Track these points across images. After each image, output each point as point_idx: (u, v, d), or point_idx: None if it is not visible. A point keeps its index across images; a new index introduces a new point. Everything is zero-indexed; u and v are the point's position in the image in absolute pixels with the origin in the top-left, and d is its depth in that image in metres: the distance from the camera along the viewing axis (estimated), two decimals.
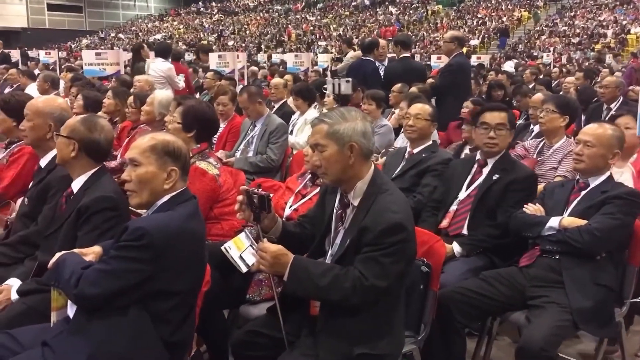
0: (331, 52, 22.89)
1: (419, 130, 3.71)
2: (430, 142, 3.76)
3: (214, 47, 27.77)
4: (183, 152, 2.24)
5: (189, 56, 19.37)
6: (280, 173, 4.92)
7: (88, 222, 2.45)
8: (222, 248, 2.68)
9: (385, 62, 7.64)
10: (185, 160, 2.24)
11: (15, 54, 14.16)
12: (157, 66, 7.51)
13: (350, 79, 5.38)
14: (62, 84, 7.60)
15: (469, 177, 3.30)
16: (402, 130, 4.16)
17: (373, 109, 5.30)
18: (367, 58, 7.43)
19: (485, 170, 3.27)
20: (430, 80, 7.42)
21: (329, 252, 2.36)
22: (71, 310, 2.16)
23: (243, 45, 32.45)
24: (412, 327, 2.50)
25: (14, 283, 2.54)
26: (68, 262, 2.14)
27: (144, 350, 2.07)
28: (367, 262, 2.11)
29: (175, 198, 2.20)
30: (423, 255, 2.52)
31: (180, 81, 7.57)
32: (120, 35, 40.88)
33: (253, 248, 2.84)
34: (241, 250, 2.77)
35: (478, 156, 3.35)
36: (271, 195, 2.33)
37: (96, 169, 2.63)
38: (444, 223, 3.23)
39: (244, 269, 2.72)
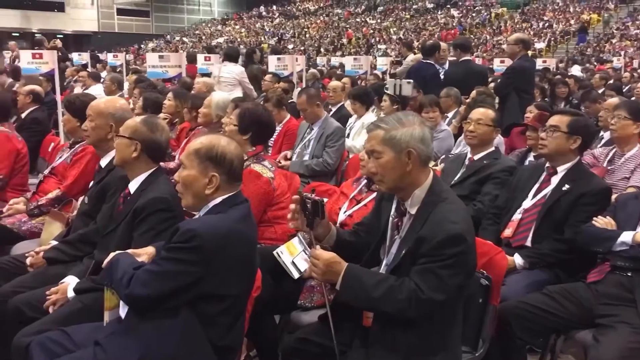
0: (390, 56, 22.66)
1: (480, 136, 3.56)
2: (493, 149, 3.61)
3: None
4: (227, 158, 2.18)
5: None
6: (336, 177, 4.85)
7: (143, 222, 2.47)
8: (274, 253, 2.66)
9: (446, 66, 7.49)
10: (230, 166, 2.19)
11: (85, 57, 14.69)
12: (230, 69, 7.75)
13: (411, 81, 5.28)
14: (126, 85, 7.82)
15: (536, 185, 3.12)
16: (463, 135, 4.02)
17: (437, 116, 5.19)
18: (428, 61, 7.29)
19: (555, 180, 3.08)
20: (491, 85, 7.21)
21: (384, 262, 2.28)
22: (123, 311, 2.17)
23: (302, 48, 32.65)
24: (469, 342, 2.38)
25: (71, 281, 2.58)
26: (121, 262, 2.16)
27: (192, 353, 2.06)
28: (424, 274, 2.02)
29: (227, 201, 2.17)
30: (483, 267, 2.40)
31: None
32: (185, 39, 41.95)
33: (306, 254, 2.80)
34: (294, 255, 2.73)
35: (547, 164, 3.17)
36: (325, 200, 2.26)
37: (153, 169, 2.64)
38: (507, 232, 3.08)
39: (296, 275, 2.68)
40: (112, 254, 2.23)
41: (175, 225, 2.41)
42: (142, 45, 39.84)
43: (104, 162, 3.11)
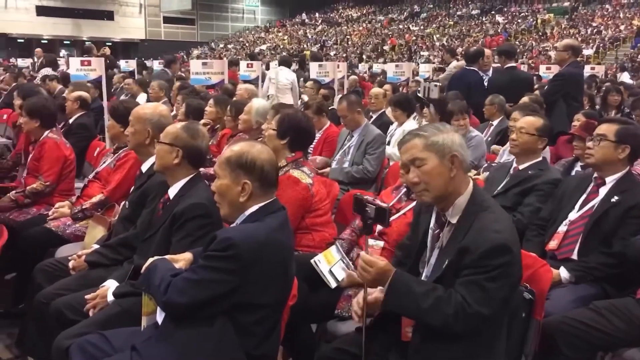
0: (433, 62, 22.45)
1: (521, 145, 3.45)
2: (540, 159, 3.48)
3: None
4: (258, 164, 2.16)
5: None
6: (376, 185, 4.80)
7: (182, 228, 2.48)
8: (312, 261, 2.65)
9: (490, 73, 7.35)
10: (261, 173, 2.17)
11: (132, 64, 15.03)
12: (286, 75, 8.05)
13: (439, 83, 5.19)
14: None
15: (583, 197, 3.01)
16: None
17: (466, 123, 5.09)
18: (471, 68, 7.16)
19: (603, 191, 2.95)
20: (537, 92, 7.04)
21: (424, 273, 2.22)
22: (160, 317, 2.18)
23: (344, 55, 32.68)
24: (512, 358, 2.29)
25: (111, 285, 2.61)
26: (159, 268, 2.17)
27: None
28: (470, 287, 1.95)
29: (263, 209, 2.17)
30: (526, 280, 2.31)
31: None
32: (229, 46, 42.58)
33: (343, 262, 2.78)
34: (331, 264, 2.71)
35: (595, 174, 3.05)
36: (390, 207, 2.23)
37: (192, 175, 2.65)
38: (552, 244, 2.97)
39: (333, 284, 2.66)
40: (150, 260, 2.24)
41: (213, 231, 2.42)
42: (189, 52, 40.62)
43: (144, 167, 3.15)
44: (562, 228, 2.99)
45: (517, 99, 5.94)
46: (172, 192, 2.65)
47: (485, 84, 7.21)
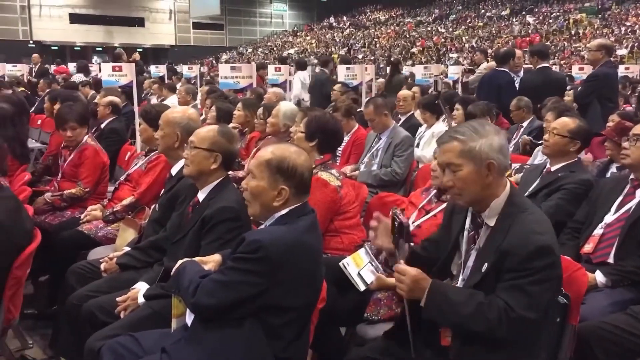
0: (463, 64, 22.25)
1: (552, 146, 3.38)
2: (575, 160, 3.39)
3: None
4: (298, 171, 2.15)
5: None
6: (405, 187, 4.76)
7: (211, 231, 2.49)
8: (340, 264, 2.61)
9: (521, 74, 7.24)
10: (300, 179, 2.16)
11: (162, 69, 15.25)
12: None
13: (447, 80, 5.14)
14: (199, 95, 8.04)
15: (619, 199, 2.92)
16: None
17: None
18: (502, 69, 7.07)
19: None
20: (570, 92, 6.91)
21: (460, 277, 2.17)
22: (189, 318, 2.19)
23: (372, 58, 32.60)
24: None
25: (142, 287, 2.63)
26: (187, 270, 2.18)
27: None
28: (513, 291, 1.91)
29: (294, 211, 2.15)
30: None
31: None
32: (258, 50, 42.89)
33: (372, 265, 2.74)
34: (360, 267, 2.67)
35: (632, 175, 2.97)
36: (410, 224, 2.21)
37: (221, 178, 2.66)
38: (587, 248, 2.89)
39: (362, 287, 2.62)
40: (179, 262, 2.25)
41: (243, 234, 2.42)
42: (218, 57, 41.05)
43: (174, 171, 3.18)
44: (598, 231, 2.91)
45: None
46: (202, 195, 2.66)
47: (517, 85, 7.11)
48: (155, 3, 43.04)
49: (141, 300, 2.57)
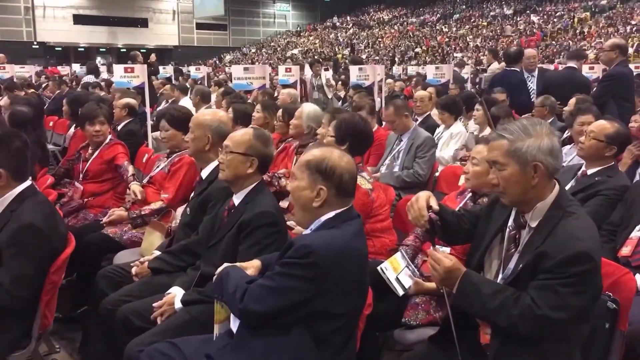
0: (468, 64, 22.21)
1: (587, 149, 3.33)
2: (611, 164, 3.33)
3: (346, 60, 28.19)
4: (337, 172, 2.11)
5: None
6: (427, 188, 4.71)
7: (249, 237, 2.46)
8: (379, 269, 2.60)
9: (535, 73, 7.21)
10: (340, 181, 2.12)
11: (169, 70, 15.22)
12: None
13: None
14: (213, 97, 8.00)
15: None
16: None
17: None
18: (513, 69, 7.04)
19: None
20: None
21: (500, 276, 2.14)
22: (234, 324, 2.16)
23: (377, 58, 32.55)
24: None
25: (178, 292, 2.60)
26: (232, 275, 2.14)
27: None
28: (542, 290, 1.89)
29: (340, 216, 2.12)
30: (608, 289, 2.22)
31: None
32: (263, 50, 42.88)
33: (409, 269, 2.72)
34: (397, 271, 2.66)
35: None
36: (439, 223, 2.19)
37: (257, 182, 2.63)
38: (625, 250, 2.86)
39: (401, 292, 2.61)
40: (221, 267, 2.22)
41: (280, 240, 2.40)
42: (221, 57, 41.05)
43: (204, 174, 3.14)
44: (636, 234, 2.87)
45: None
46: (237, 199, 2.62)
47: (531, 84, 7.08)
48: (158, 4, 43.04)
49: (178, 305, 2.53)
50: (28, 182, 2.59)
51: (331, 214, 2.11)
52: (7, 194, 2.52)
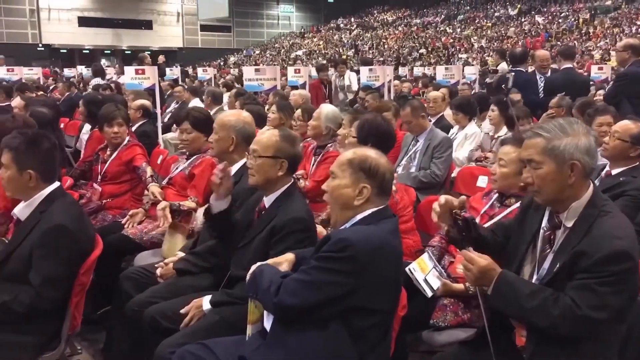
0: (472, 64, 22.19)
1: (611, 150, 3.32)
2: (636, 164, 3.30)
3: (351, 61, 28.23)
4: (380, 171, 2.14)
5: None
6: (444, 189, 4.71)
7: (281, 242, 2.44)
8: (407, 269, 2.59)
9: (548, 74, 7.20)
10: (382, 180, 2.14)
11: (176, 72, 15.24)
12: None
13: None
14: (225, 98, 8.01)
15: None
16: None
17: None
18: (518, 69, 7.03)
19: None
20: (599, 92, 6.87)
21: (535, 277, 2.13)
22: (267, 323, 2.15)
23: (381, 59, 32.54)
24: None
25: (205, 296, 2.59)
26: (266, 272, 2.14)
27: None
28: (582, 290, 1.88)
29: (376, 213, 2.12)
30: None
31: None
32: (267, 52, 42.91)
33: (437, 270, 2.71)
34: (425, 272, 2.65)
35: None
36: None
37: (289, 184, 2.61)
38: None
39: (429, 293, 2.60)
40: (254, 266, 2.21)
41: (311, 245, 2.38)
42: (226, 58, 41.09)
43: None
44: None
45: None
46: (269, 201, 2.60)
47: (541, 85, 7.07)
48: (163, 6, 43.14)
49: (207, 307, 2.53)
50: (57, 184, 2.59)
51: (367, 212, 2.12)
52: (36, 195, 2.53)
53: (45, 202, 2.52)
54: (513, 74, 6.23)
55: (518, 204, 2.74)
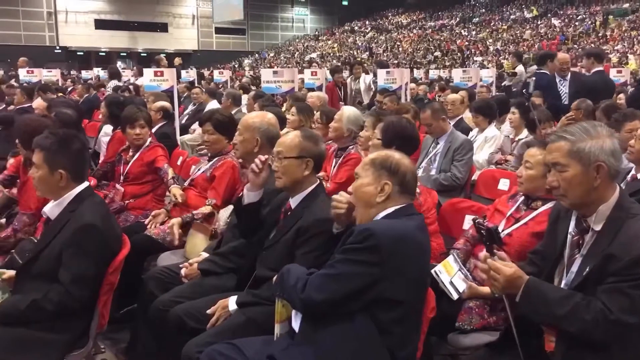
0: (488, 67, 22.08)
1: (637, 153, 3.29)
2: None
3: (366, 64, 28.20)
4: (402, 169, 2.20)
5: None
6: (465, 192, 4.69)
7: (307, 243, 2.46)
8: (432, 272, 2.58)
9: (568, 77, 7.15)
10: (403, 178, 2.20)
11: (192, 74, 15.30)
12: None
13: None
14: (244, 100, 8.04)
15: None
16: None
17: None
18: (542, 71, 6.99)
19: None
20: (620, 95, 6.81)
21: (563, 281, 2.12)
22: (295, 322, 2.16)
23: (395, 62, 32.50)
24: None
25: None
26: (292, 270, 2.18)
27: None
28: (613, 294, 1.87)
29: (400, 210, 2.17)
30: None
31: None
32: (281, 55, 43.03)
33: (462, 273, 2.70)
34: (451, 275, 2.64)
35: None
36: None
37: (315, 185, 2.62)
38: None
39: (455, 296, 2.59)
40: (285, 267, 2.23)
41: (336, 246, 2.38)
42: (240, 61, 41.24)
43: None
44: None
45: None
46: (295, 202, 2.61)
47: (563, 87, 7.02)
48: (178, 8, 43.46)
49: (233, 307, 2.54)
50: (86, 183, 2.62)
51: (390, 210, 2.16)
52: (66, 194, 2.56)
53: (75, 201, 2.55)
54: (534, 78, 6.18)
55: (544, 207, 2.73)
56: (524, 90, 5.34)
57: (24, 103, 7.65)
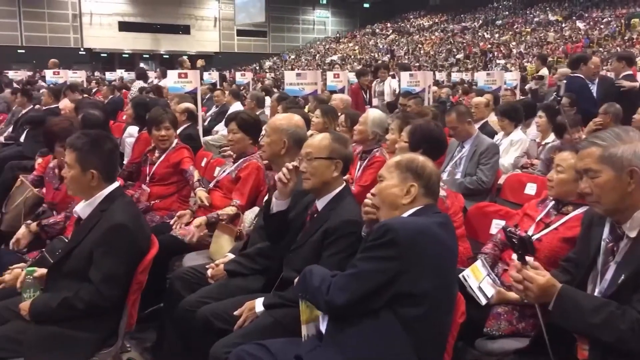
0: (511, 70, 21.88)
1: None
2: None
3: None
4: (427, 171, 2.22)
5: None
6: (491, 196, 4.65)
7: (334, 245, 2.46)
8: (460, 276, 2.55)
9: (596, 81, 7.06)
10: (429, 180, 2.22)
11: (214, 76, 15.42)
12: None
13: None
14: (267, 102, 8.08)
15: None
16: None
17: (580, 137, 4.84)
18: (575, 74, 6.89)
19: None
20: None
21: (597, 289, 2.09)
22: (323, 325, 2.17)
23: (417, 64, 32.36)
24: None
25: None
26: (316, 272, 2.18)
27: (397, 357, 2.02)
28: None
29: (423, 209, 2.18)
30: None
31: None
32: (302, 57, 43.14)
33: (490, 278, 2.67)
34: (479, 280, 2.61)
35: None
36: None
37: (342, 187, 2.61)
38: None
39: (484, 301, 2.56)
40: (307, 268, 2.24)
41: None
42: (261, 63, 41.45)
43: None
44: None
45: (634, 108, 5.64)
46: (321, 204, 2.61)
47: (593, 92, 6.93)
48: (200, 11, 43.84)
49: (259, 309, 2.54)
50: (116, 183, 2.65)
51: (412, 210, 2.17)
52: (97, 194, 2.59)
53: (106, 201, 2.58)
54: (564, 81, 6.10)
55: (575, 212, 2.69)
56: (554, 94, 5.25)
57: (51, 104, 7.76)
